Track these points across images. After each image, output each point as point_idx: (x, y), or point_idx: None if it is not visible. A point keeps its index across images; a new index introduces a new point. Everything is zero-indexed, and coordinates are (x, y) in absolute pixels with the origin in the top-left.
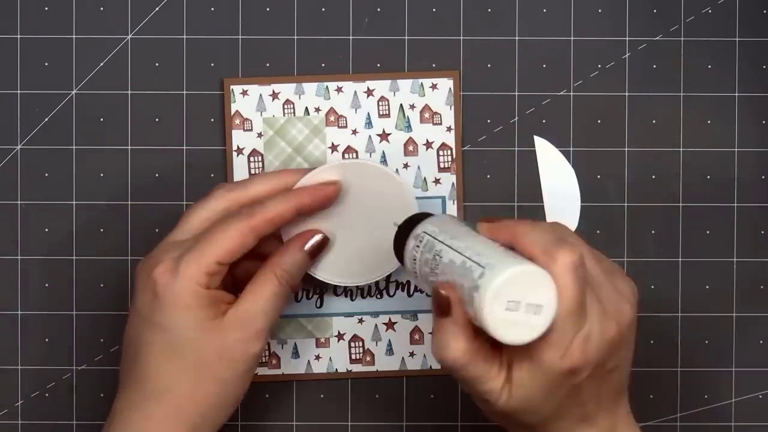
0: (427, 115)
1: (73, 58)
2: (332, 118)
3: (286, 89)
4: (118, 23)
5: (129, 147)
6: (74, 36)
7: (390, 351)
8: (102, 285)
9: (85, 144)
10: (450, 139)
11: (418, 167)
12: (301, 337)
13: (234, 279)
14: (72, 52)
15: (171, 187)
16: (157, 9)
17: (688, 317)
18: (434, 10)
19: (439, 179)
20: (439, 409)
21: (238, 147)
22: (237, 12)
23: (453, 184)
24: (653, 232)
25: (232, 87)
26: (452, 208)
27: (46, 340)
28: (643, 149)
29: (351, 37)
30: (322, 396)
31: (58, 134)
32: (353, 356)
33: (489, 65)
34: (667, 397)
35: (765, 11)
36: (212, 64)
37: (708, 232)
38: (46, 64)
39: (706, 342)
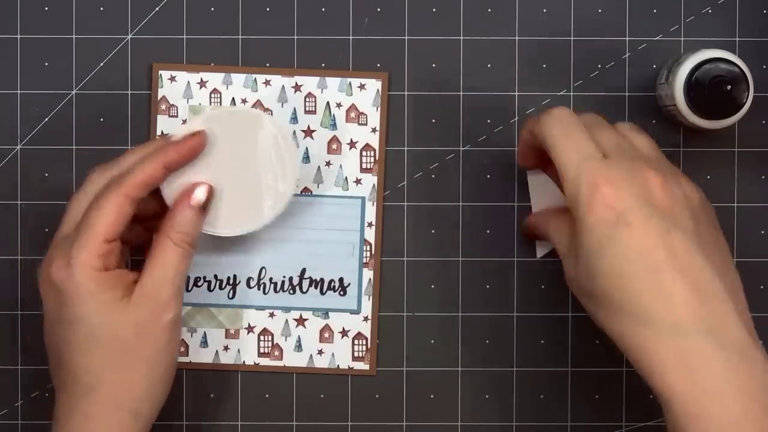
0: (353, 115)
1: (73, 58)
2: None
3: (215, 78)
4: (118, 23)
5: (129, 147)
6: (74, 36)
7: (299, 347)
8: None
9: (85, 144)
10: (374, 141)
11: (341, 166)
12: (211, 327)
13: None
14: (72, 52)
15: None
16: (157, 9)
17: None
18: (434, 10)
19: (360, 179)
20: (440, 409)
21: (162, 132)
22: (237, 12)
23: (374, 185)
24: None
25: (160, 72)
26: (371, 210)
27: None
28: None
29: (351, 37)
30: (322, 396)
31: (58, 134)
32: (262, 350)
33: (489, 65)
34: None
35: (765, 11)
36: (212, 64)
37: None
38: (46, 64)
39: None
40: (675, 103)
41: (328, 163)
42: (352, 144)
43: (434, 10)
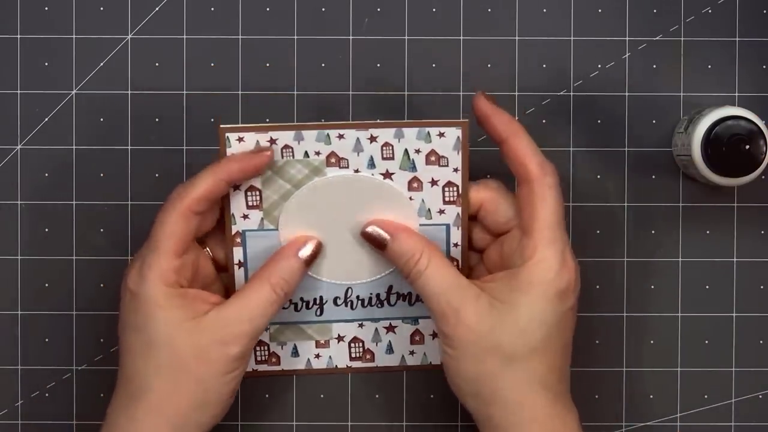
0: (433, 158)
1: (73, 58)
2: (333, 160)
3: (284, 136)
4: (118, 23)
5: (129, 147)
6: (74, 36)
7: (390, 350)
8: (102, 285)
9: (85, 144)
10: (457, 179)
11: (422, 200)
12: (301, 339)
13: None
14: (72, 52)
15: (171, 187)
16: (157, 9)
17: (688, 317)
18: (434, 10)
19: (443, 210)
20: (439, 409)
21: (234, 185)
22: (237, 12)
23: (458, 214)
24: (653, 232)
25: (227, 135)
26: (456, 234)
27: (46, 340)
28: (643, 149)
29: (351, 37)
30: (322, 396)
31: (58, 134)
32: (353, 355)
33: (489, 65)
34: (667, 397)
35: (765, 11)
36: (212, 64)
37: (708, 232)
38: (46, 64)
39: (706, 342)
40: (690, 153)
41: (410, 198)
42: (433, 182)
43: (434, 10)
